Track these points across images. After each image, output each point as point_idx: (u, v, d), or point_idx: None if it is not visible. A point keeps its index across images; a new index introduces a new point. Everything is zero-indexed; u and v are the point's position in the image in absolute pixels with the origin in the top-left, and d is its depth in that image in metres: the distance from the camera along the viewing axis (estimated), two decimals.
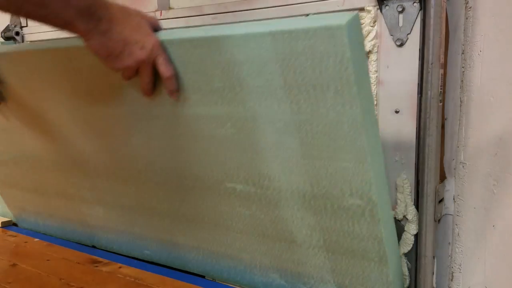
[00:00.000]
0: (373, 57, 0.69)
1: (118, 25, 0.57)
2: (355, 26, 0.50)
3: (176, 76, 0.63)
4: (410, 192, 0.69)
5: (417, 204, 0.69)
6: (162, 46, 0.60)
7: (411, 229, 0.69)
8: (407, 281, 0.71)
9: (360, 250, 0.65)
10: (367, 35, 0.69)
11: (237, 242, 0.80)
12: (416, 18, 0.65)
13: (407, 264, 0.71)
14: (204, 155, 0.73)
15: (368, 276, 0.68)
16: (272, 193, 0.69)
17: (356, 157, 0.57)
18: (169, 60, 0.61)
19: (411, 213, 0.69)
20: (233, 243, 0.81)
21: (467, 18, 0.67)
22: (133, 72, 0.62)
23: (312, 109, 0.57)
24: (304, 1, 0.73)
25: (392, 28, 0.66)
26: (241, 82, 0.60)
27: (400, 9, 0.65)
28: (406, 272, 0.70)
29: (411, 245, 0.70)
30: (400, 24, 0.65)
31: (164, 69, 0.61)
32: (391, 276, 0.66)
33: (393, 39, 0.66)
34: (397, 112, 0.68)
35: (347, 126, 0.55)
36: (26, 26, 1.20)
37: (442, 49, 0.65)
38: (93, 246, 1.08)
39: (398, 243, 0.71)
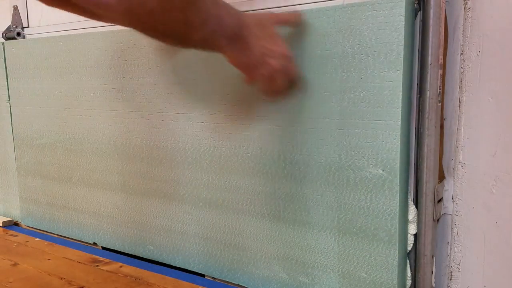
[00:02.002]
0: None
1: (255, 41, 0.61)
2: (409, 3, 0.63)
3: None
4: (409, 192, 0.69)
5: (416, 204, 0.69)
6: (291, 53, 0.65)
7: (411, 228, 0.70)
8: (410, 283, 0.71)
9: (372, 228, 0.70)
10: None
11: (248, 228, 0.83)
12: (415, 18, 0.65)
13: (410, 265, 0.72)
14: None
15: (375, 260, 0.70)
16: (300, 167, 0.75)
17: (389, 124, 0.66)
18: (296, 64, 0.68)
19: (412, 213, 0.69)
20: (244, 229, 0.83)
21: (466, 19, 0.67)
22: (269, 81, 0.66)
23: (359, 76, 0.67)
24: (304, 2, 0.74)
25: None
26: (303, 53, 0.71)
27: None
28: (409, 274, 0.71)
29: (412, 245, 0.70)
30: None
31: (294, 74, 0.68)
32: (397, 260, 0.68)
33: None
34: None
35: (388, 90, 0.65)
36: (28, 26, 1.21)
37: (441, 50, 0.66)
38: (94, 243, 1.08)
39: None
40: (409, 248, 0.70)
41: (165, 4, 0.49)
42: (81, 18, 0.62)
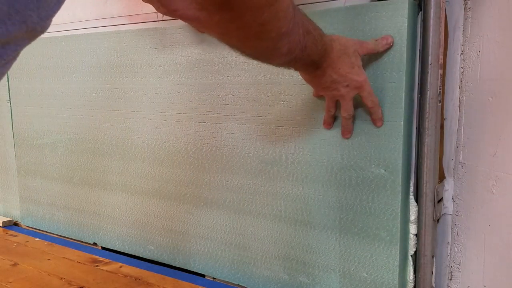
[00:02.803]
0: None
1: (333, 69, 0.62)
2: (412, 4, 0.64)
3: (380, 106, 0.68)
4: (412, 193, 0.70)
5: (417, 203, 0.69)
6: (367, 83, 0.65)
7: (412, 228, 0.70)
8: (411, 285, 0.71)
9: (373, 228, 0.70)
10: None
11: (249, 227, 0.83)
12: (416, 18, 0.66)
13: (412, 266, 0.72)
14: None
15: (376, 260, 0.70)
16: (302, 167, 0.75)
17: (392, 125, 0.66)
18: (373, 93, 0.66)
19: (414, 213, 0.69)
20: (245, 229, 0.83)
21: (466, 19, 0.67)
22: (333, 103, 0.68)
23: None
24: (305, 2, 0.74)
25: None
26: None
27: None
28: (411, 276, 0.71)
29: (415, 245, 0.70)
30: None
31: (369, 101, 0.65)
32: (398, 260, 0.68)
33: None
34: None
35: (391, 91, 0.66)
36: None
37: (441, 50, 0.66)
38: (94, 244, 1.08)
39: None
40: (411, 248, 0.70)
41: (262, 35, 0.48)
42: (83, 18, 0.62)
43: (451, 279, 0.74)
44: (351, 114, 0.67)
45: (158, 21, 0.90)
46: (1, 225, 1.23)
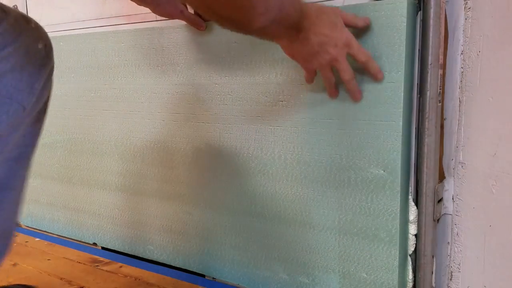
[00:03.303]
0: None
1: (315, 30, 0.59)
2: (411, 3, 0.64)
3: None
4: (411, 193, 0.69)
5: (417, 203, 0.69)
6: (354, 38, 0.62)
7: (411, 229, 0.70)
8: (410, 285, 0.71)
9: (373, 229, 0.70)
10: None
11: (248, 228, 0.83)
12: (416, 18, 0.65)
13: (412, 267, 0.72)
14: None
15: (375, 260, 0.70)
16: (301, 168, 0.75)
17: (391, 125, 0.66)
18: (362, 47, 0.63)
19: (413, 213, 0.69)
20: (244, 230, 0.83)
21: (466, 19, 0.67)
22: (329, 71, 0.65)
23: (361, 76, 0.67)
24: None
25: None
26: None
27: None
28: (410, 276, 0.71)
29: (414, 245, 0.70)
30: None
31: (361, 56, 0.63)
32: (397, 260, 0.68)
33: None
34: None
35: (390, 91, 0.65)
36: None
37: (441, 50, 0.66)
38: (94, 244, 1.08)
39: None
40: (410, 249, 0.70)
41: None
42: (82, 18, 0.62)
43: (451, 279, 0.74)
44: (352, 74, 0.64)
45: (156, 21, 0.90)
46: None
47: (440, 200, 0.72)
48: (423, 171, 0.68)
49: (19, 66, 0.53)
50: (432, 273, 0.72)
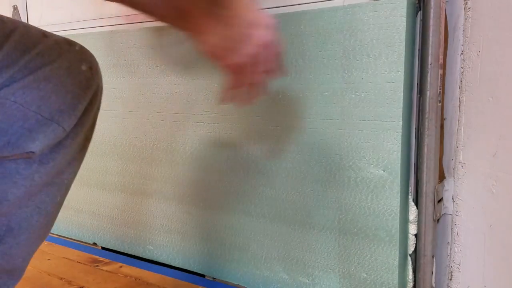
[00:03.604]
0: None
1: (241, 5, 0.47)
2: (410, 3, 0.64)
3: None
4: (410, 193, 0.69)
5: (417, 204, 0.69)
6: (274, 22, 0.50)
7: (411, 229, 0.70)
8: (410, 285, 0.71)
9: (373, 229, 0.70)
10: None
11: (248, 228, 0.83)
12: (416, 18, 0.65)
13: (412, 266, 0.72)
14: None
15: (375, 260, 0.70)
16: (301, 168, 0.75)
17: (391, 125, 0.66)
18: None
19: (413, 213, 0.69)
20: (244, 230, 0.83)
21: (466, 19, 0.67)
22: (254, 64, 0.51)
23: (360, 76, 0.67)
24: (303, 2, 0.73)
25: None
26: (304, 53, 0.72)
27: None
28: (410, 276, 0.71)
29: (414, 245, 0.70)
30: None
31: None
32: (397, 260, 0.68)
33: None
34: None
35: (389, 91, 0.65)
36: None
37: (441, 50, 0.66)
38: (94, 244, 1.08)
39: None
40: (410, 248, 0.70)
41: None
42: (81, 18, 0.61)
43: (451, 279, 0.74)
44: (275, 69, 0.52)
45: (155, 20, 0.90)
46: None
47: (440, 200, 0.72)
48: (423, 171, 0.68)
49: (60, 86, 0.52)
50: (432, 273, 0.72)
